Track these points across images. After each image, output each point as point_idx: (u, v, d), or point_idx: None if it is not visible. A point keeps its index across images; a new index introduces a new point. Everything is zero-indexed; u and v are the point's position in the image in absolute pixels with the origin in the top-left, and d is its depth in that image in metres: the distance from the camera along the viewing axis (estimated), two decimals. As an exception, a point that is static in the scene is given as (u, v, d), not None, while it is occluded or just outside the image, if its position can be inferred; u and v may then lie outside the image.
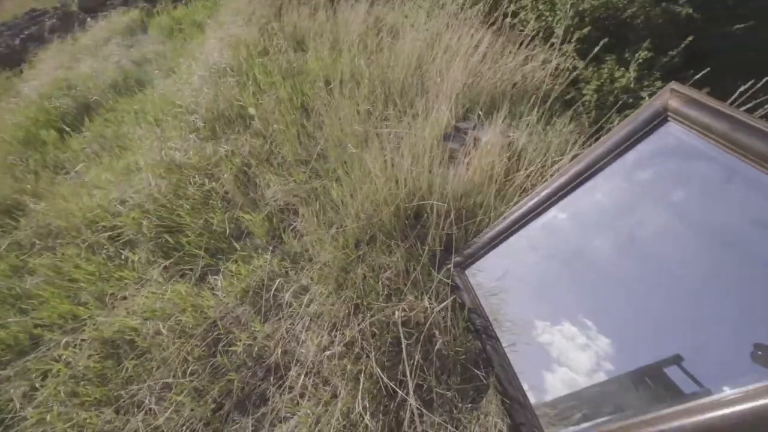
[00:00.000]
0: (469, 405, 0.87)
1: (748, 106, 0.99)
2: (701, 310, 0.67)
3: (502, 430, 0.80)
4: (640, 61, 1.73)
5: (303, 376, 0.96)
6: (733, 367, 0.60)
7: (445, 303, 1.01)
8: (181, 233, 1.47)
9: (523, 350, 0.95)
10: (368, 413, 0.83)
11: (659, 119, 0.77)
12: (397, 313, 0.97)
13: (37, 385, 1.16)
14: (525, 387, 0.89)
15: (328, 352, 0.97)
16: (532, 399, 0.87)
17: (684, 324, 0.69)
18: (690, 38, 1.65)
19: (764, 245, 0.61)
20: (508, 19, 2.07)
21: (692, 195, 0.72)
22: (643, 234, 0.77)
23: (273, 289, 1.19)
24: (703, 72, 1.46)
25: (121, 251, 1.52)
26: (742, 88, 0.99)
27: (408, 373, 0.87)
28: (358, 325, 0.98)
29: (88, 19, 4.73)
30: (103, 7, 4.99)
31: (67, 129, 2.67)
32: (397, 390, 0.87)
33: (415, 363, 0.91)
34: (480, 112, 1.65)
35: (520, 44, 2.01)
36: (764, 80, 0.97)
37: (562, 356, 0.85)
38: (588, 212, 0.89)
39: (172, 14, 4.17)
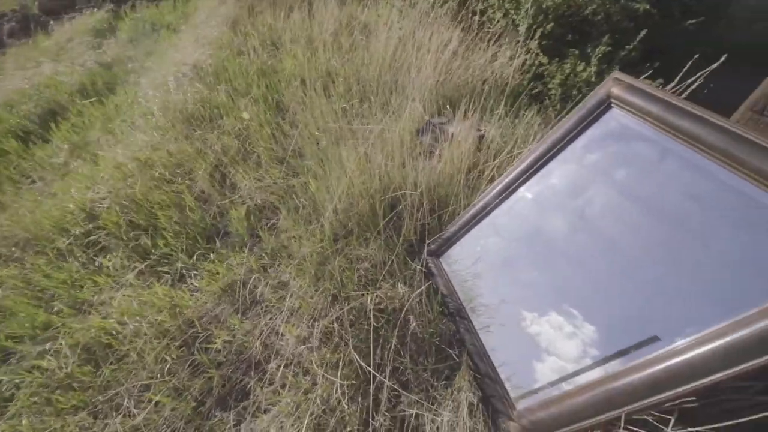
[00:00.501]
0: (444, 382, 0.92)
1: (676, 87, 1.07)
2: (649, 277, 0.73)
3: (473, 402, 0.84)
4: (600, 55, 1.83)
5: (283, 368, 0.98)
6: (682, 320, 0.64)
7: (420, 290, 1.05)
8: (157, 235, 1.45)
9: (495, 330, 1.00)
10: (346, 397, 0.86)
11: (604, 106, 0.83)
12: (372, 300, 1.00)
13: (9, 396, 1.13)
14: (496, 363, 0.94)
15: (307, 345, 1.00)
16: (503, 374, 0.92)
17: (631, 290, 0.75)
18: (644, 32, 1.75)
19: (694, 215, 0.68)
20: (477, 17, 2.14)
21: (633, 174, 0.78)
22: (594, 212, 0.83)
23: (251, 286, 1.20)
24: (655, 65, 1.56)
25: (95, 258, 1.48)
26: (677, 79, 1.08)
27: (385, 357, 0.91)
28: (336, 314, 1.01)
29: (51, 22, 4.54)
30: (67, 9, 4.80)
31: (32, 137, 2.57)
32: (375, 373, 0.90)
33: (392, 347, 0.94)
34: (449, 107, 1.71)
35: (489, 41, 2.08)
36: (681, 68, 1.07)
37: (534, 331, 0.90)
38: (546, 195, 0.95)
39: (143, 15, 4.05)
